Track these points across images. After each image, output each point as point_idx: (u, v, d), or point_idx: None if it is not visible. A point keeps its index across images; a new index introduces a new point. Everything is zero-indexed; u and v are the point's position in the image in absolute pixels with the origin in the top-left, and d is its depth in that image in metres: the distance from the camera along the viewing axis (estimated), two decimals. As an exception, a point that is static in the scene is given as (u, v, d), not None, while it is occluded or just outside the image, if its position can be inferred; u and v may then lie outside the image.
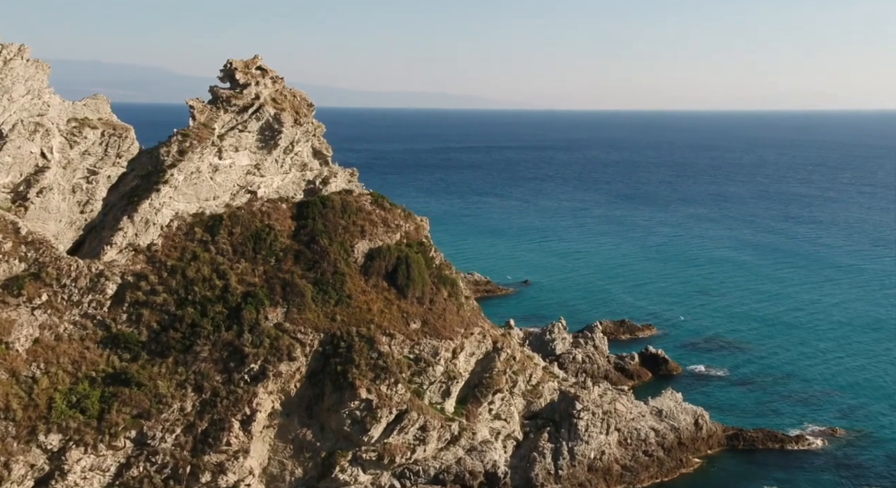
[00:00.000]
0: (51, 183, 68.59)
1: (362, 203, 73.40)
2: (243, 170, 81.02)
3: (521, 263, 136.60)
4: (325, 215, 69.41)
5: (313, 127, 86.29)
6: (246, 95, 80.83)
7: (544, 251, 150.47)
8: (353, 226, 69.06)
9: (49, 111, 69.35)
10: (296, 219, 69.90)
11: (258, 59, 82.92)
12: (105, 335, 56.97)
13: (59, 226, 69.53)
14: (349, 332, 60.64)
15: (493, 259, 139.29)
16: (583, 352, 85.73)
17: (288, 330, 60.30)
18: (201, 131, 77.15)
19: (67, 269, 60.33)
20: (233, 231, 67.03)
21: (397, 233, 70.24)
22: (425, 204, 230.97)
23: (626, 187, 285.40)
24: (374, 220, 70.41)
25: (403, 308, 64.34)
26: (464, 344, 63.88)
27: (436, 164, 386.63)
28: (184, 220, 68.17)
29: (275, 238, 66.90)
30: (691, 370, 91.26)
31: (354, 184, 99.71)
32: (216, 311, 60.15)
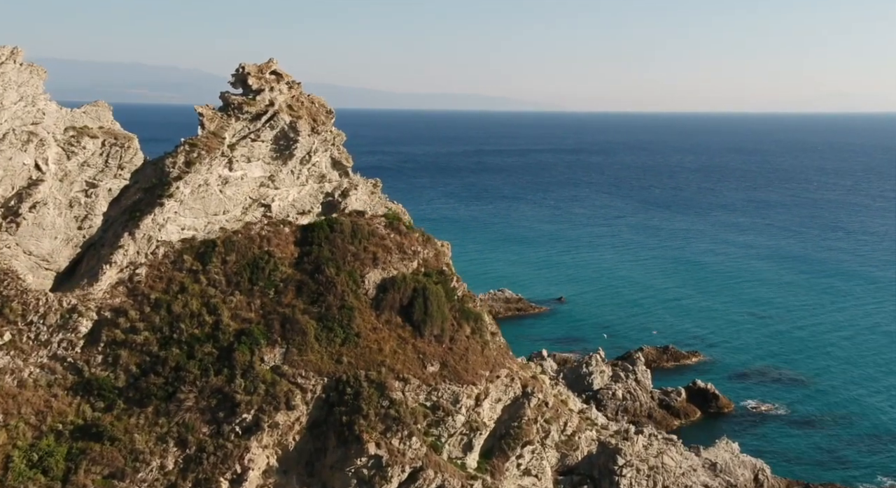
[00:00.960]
0: (45, 197, 63.24)
1: (375, 226, 66.65)
2: (256, 182, 75.33)
3: (553, 277, 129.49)
4: (333, 240, 62.68)
5: (332, 135, 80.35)
6: (259, 102, 75.11)
7: (578, 263, 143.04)
8: (365, 252, 62.12)
9: (44, 119, 64.04)
10: (299, 245, 63.20)
11: (273, 62, 77.13)
12: (76, 380, 50.79)
13: (54, 244, 64.17)
14: (357, 377, 53.57)
15: (524, 272, 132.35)
16: (623, 387, 78.30)
17: (286, 373, 53.41)
18: (210, 140, 71.52)
19: (35, 304, 54.27)
20: (227, 259, 60.56)
21: (414, 261, 63.29)
22: (453, 210, 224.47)
23: (662, 193, 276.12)
24: (388, 246, 63.56)
25: (420, 348, 56.99)
26: (489, 389, 56.71)
27: (466, 168, 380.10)
28: (171, 247, 61.98)
29: (274, 267, 60.21)
30: (744, 406, 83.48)
31: (378, 196, 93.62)
32: (204, 352, 53.51)
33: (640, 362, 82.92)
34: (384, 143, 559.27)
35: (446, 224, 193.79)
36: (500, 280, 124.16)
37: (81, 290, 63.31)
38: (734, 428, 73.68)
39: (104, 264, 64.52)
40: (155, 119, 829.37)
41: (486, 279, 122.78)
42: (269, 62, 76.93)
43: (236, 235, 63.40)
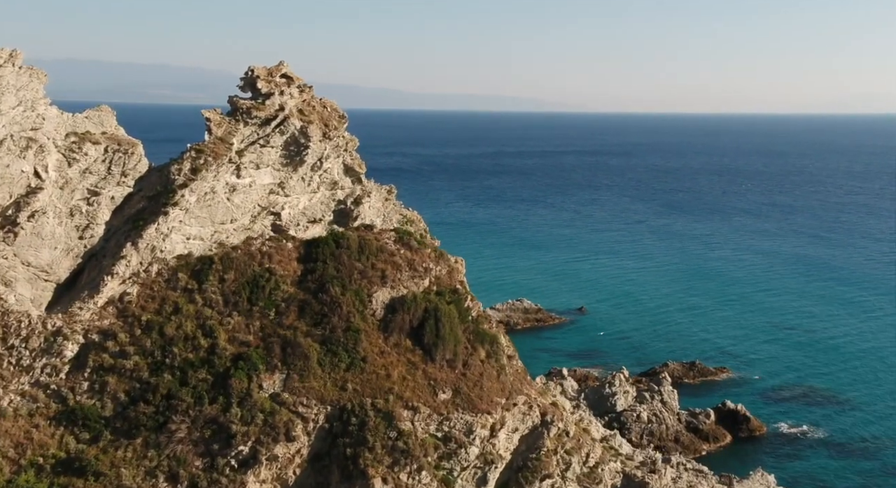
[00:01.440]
0: (44, 205, 60.87)
1: (384, 241, 63.49)
2: (265, 189, 72.69)
3: (573, 285, 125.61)
4: (339, 257, 59.50)
5: (344, 141, 77.57)
6: (269, 106, 72.46)
7: (599, 270, 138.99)
8: (373, 270, 58.82)
9: (44, 125, 61.69)
10: (303, 262, 60.13)
11: (283, 65, 74.46)
12: (60, 409, 47.97)
13: (53, 254, 61.78)
14: (362, 405, 50.08)
15: (543, 279, 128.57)
16: (648, 409, 74.41)
17: (286, 402, 50.06)
18: (217, 146, 68.96)
19: (17, 326, 51.51)
20: (224, 277, 57.57)
21: (426, 279, 59.99)
22: (471, 213, 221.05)
23: (684, 197, 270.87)
24: (397, 263, 60.33)
25: (430, 373, 53.37)
26: (505, 418, 53.12)
27: (484, 170, 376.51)
28: (165, 264, 59.19)
29: (276, 285, 57.09)
30: (777, 429, 78.89)
31: (392, 203, 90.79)
32: (199, 379, 50.39)
33: (665, 382, 78.55)
34: (403, 145, 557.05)
35: (463, 228, 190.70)
36: (519, 288, 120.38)
37: (79, 303, 60.97)
38: (767, 454, 69.69)
39: (106, 275, 62.14)
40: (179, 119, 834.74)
41: (503, 287, 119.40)
42: (280, 65, 74.27)
43: (235, 251, 60.52)
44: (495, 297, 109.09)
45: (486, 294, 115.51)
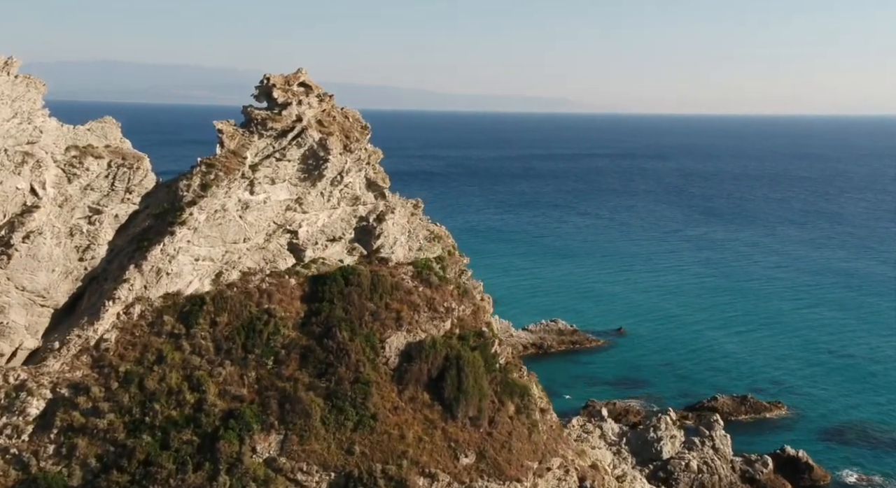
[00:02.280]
0: (41, 225, 56.42)
1: (400, 277, 57.48)
2: (281, 205, 67.78)
3: (610, 302, 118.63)
4: (348, 296, 53.52)
5: (367, 153, 72.42)
6: (285, 117, 67.54)
7: (637, 285, 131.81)
8: (386, 311, 52.62)
9: (42, 138, 57.26)
10: (307, 301, 54.19)
11: (301, 73, 69.44)
12: (21, 477, 42.59)
13: (50, 277, 57.35)
14: (371, 471, 43.76)
15: (578, 295, 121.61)
16: (699, 456, 67.20)
17: (283, 468, 44.00)
18: (230, 160, 64.12)
19: None
20: (217, 319, 51.94)
21: (447, 321, 53.69)
22: (502, 220, 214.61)
23: (725, 204, 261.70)
24: (415, 302, 54.24)
25: (451, 433, 46.76)
26: (537, 485, 47.11)
27: (516, 173, 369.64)
28: (149, 305, 53.87)
29: (275, 329, 51.00)
30: (843, 480, 70.34)
31: (419, 218, 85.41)
32: (182, 441, 44.44)
33: (717, 426, 70.77)
34: (435, 147, 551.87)
35: (493, 237, 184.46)
36: (552, 304, 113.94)
37: (78, 330, 56.40)
38: (833, 510, 62.60)
39: (107, 300, 57.60)
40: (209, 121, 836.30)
41: (535, 303, 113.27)
42: (298, 72, 69.26)
43: (230, 289, 55.10)
44: (527, 316, 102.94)
45: (518, 311, 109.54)
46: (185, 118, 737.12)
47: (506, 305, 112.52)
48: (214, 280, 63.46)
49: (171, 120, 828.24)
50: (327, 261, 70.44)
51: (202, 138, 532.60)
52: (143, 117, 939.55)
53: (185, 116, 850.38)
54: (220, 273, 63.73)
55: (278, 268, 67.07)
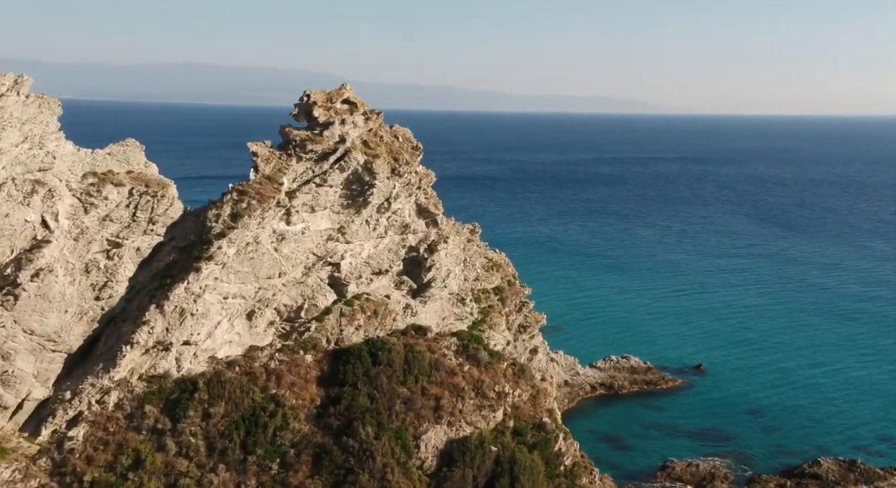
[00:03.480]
0: (52, 261, 50.83)
1: (441, 352, 49.01)
2: (322, 235, 61.22)
3: (687, 332, 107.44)
4: (376, 379, 45.07)
5: (417, 177, 65.37)
6: (327, 138, 60.92)
7: (715, 310, 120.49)
8: (423, 397, 43.93)
9: (55, 164, 51.77)
10: (325, 385, 46.12)
11: (345, 89, 62.69)
12: None
13: (63, 319, 51.75)
14: None
15: (650, 322, 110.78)
16: None
17: None
18: (264, 187, 57.76)
19: None
20: (211, 410, 44.36)
21: (499, 410, 44.77)
22: (564, 232, 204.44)
23: (808, 215, 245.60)
24: (459, 386, 45.47)
25: None
26: None
27: (581, 179, 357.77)
28: (129, 391, 47.08)
29: (283, 422, 42.55)
30: None
31: (476, 245, 78.15)
32: None
33: None
34: (498, 150, 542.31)
35: (555, 250, 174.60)
36: (621, 333, 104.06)
37: (92, 378, 50.62)
38: None
39: (124, 345, 51.77)
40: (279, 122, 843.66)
41: (602, 332, 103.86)
42: (342, 89, 62.52)
43: (231, 370, 48.00)
44: (594, 351, 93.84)
45: (583, 342, 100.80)
46: (256, 120, 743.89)
47: (569, 334, 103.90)
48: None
49: (241, 122, 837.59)
50: (372, 296, 63.74)
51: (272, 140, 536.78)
52: (215, 119, 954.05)
53: (256, 118, 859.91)
54: (251, 312, 57.61)
55: (318, 305, 60.71)
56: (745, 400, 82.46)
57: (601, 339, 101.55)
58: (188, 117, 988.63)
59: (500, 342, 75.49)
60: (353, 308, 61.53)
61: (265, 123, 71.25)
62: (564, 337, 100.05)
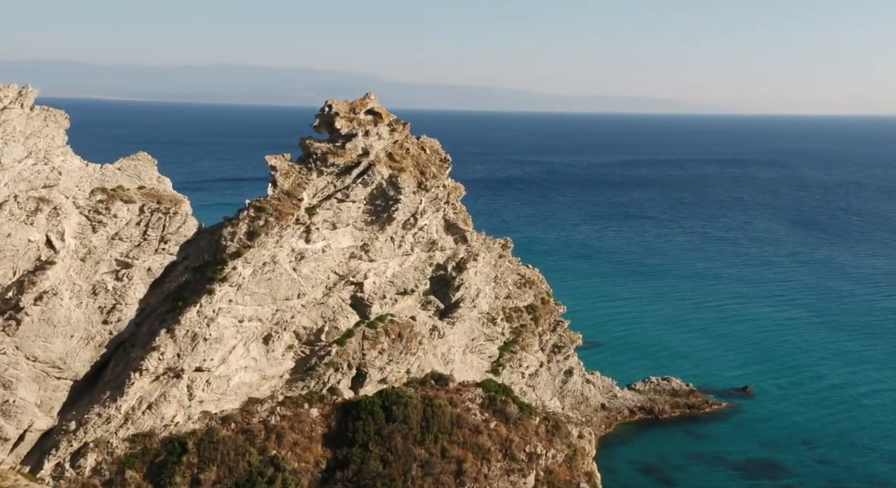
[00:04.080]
0: (56, 284, 48.04)
1: (465, 406, 44.67)
2: (344, 253, 57.87)
3: (730, 349, 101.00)
4: (389, 438, 40.68)
5: (446, 191, 61.73)
6: (350, 151, 57.56)
7: (759, 326, 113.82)
8: (443, 460, 39.40)
9: (62, 180, 48.97)
10: (331, 445, 42.40)
11: (370, 98, 59.21)
12: None
13: (68, 345, 48.96)
14: None
15: (690, 338, 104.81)
16: None
17: None
18: (283, 203, 54.57)
19: None
20: (200, 476, 40.44)
21: (530, 475, 39.68)
22: (598, 239, 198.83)
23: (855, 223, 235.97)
24: (484, 447, 41.07)
25: None
26: None
27: (616, 182, 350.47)
28: (109, 453, 43.69)
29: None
30: None
31: (507, 261, 74.37)
32: None
33: None
34: (534, 152, 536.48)
35: (588, 258, 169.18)
36: (660, 353, 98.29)
37: (99, 407, 47.79)
38: None
39: (133, 372, 48.89)
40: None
41: (640, 352, 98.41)
42: (366, 98, 59.07)
43: (225, 427, 44.45)
44: (634, 369, 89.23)
45: (621, 359, 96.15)
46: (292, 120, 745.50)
47: (605, 351, 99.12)
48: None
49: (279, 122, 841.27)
50: (397, 317, 60.25)
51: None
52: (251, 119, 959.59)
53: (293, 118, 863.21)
54: (268, 336, 54.41)
55: (339, 327, 57.35)
56: (796, 426, 77.07)
57: (639, 356, 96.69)
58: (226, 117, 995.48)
59: (532, 364, 71.68)
60: (376, 330, 58.17)
61: (301, 125, 68.66)
62: (600, 354, 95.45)
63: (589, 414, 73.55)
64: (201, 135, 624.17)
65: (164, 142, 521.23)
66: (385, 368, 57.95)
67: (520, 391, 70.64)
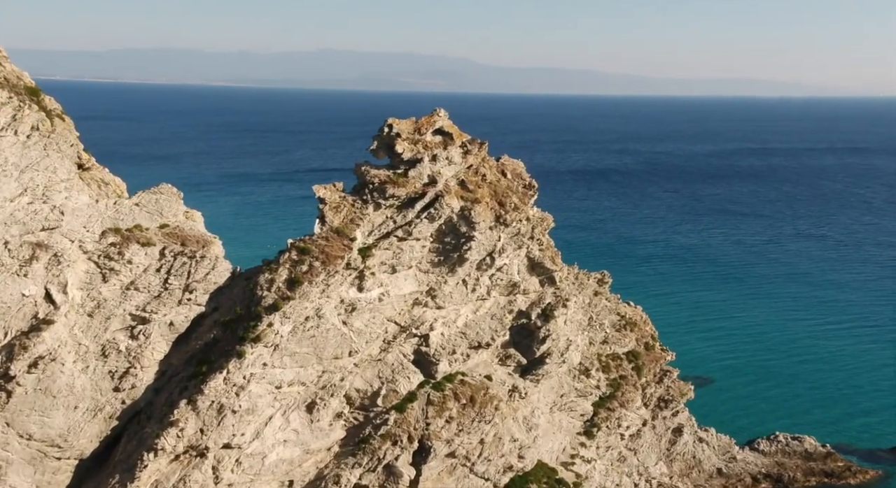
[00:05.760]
0: (55, 347, 40.25)
1: None
2: (406, 300, 48.25)
3: (876, 397, 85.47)
4: None
5: (529, 225, 51.11)
6: (414, 179, 47.63)
7: None
8: None
9: (64, 221, 40.95)
10: None
11: (438, 115, 48.98)
12: None
13: (71, 418, 41.17)
14: None
15: (820, 379, 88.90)
16: None
17: None
18: (331, 244, 45.18)
19: None
20: None
21: None
22: (701, 242, 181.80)
23: None
24: None
25: None
26: None
27: (724, 174, 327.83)
28: None
29: None
30: None
31: (604, 299, 63.09)
32: None
33: None
34: (634, 139, 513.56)
35: (691, 264, 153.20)
36: (786, 398, 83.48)
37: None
38: None
39: (147, 452, 40.67)
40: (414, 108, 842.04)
41: (761, 395, 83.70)
42: (433, 115, 48.89)
43: None
44: (752, 416, 76.20)
45: (737, 406, 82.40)
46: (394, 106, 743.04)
47: (717, 392, 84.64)
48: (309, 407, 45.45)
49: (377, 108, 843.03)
50: (469, 376, 50.35)
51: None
52: (354, 105, 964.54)
53: (394, 103, 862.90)
54: (312, 403, 45.53)
55: (398, 390, 47.93)
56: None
57: (758, 397, 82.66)
58: (325, 104, 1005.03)
59: (634, 423, 60.61)
60: (443, 393, 48.57)
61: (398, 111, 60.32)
62: (708, 395, 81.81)
63: (702, 482, 61.87)
64: (300, 123, 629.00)
65: (263, 131, 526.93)
66: (453, 440, 48.39)
67: (618, 456, 59.79)
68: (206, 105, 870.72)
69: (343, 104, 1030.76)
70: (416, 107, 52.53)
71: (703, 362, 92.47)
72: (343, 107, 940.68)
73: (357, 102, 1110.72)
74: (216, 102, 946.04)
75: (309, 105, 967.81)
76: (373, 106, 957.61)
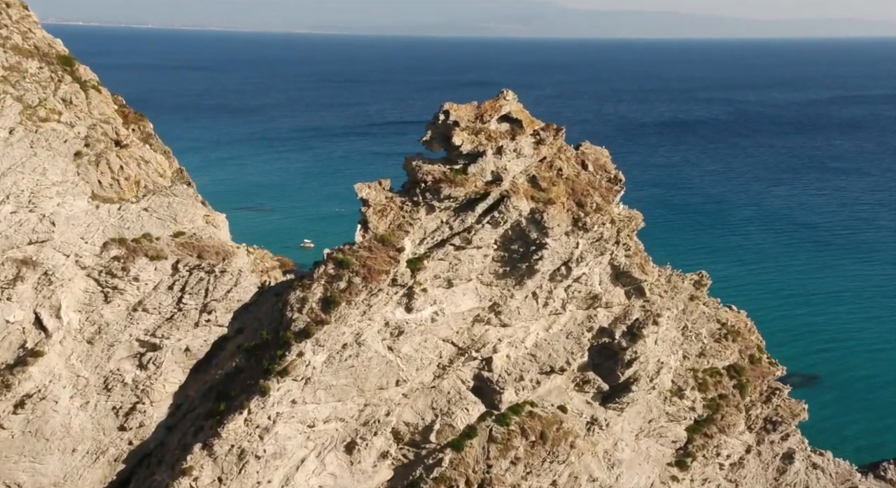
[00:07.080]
0: (44, 383, 34.32)
1: None
2: (465, 317, 40.53)
3: None
4: None
5: (614, 228, 42.31)
6: (474, 176, 39.28)
7: None
8: None
9: (57, 232, 34.47)
10: None
11: (504, 98, 40.14)
12: None
13: (69, 463, 35.40)
14: None
15: None
16: None
17: None
18: (375, 255, 37.64)
19: None
20: None
21: None
22: (796, 205, 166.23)
23: None
24: None
25: None
26: None
27: (821, 124, 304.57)
28: None
29: None
30: None
31: (701, 304, 53.89)
32: None
33: None
34: (723, 87, 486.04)
35: (784, 232, 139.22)
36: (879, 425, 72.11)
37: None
38: None
39: (156, 503, 34.57)
40: (498, 57, 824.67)
41: (880, 400, 72.75)
42: (499, 99, 40.10)
43: None
44: (874, 431, 66.44)
45: (854, 416, 72.21)
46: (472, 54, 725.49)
47: (824, 393, 75.14)
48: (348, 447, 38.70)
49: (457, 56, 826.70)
50: (539, 407, 42.60)
51: (485, 79, 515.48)
52: (433, 53, 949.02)
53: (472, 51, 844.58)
54: (353, 442, 38.62)
55: (455, 424, 40.63)
56: None
57: (883, 408, 72.01)
58: (408, 52, 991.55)
59: (736, 450, 52.00)
60: (508, 428, 41.06)
61: (477, 61, 52.47)
62: (818, 396, 71.89)
63: (813, 518, 53.16)
64: (379, 71, 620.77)
65: (342, 81, 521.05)
66: (520, 485, 40.99)
67: (715, 489, 51.39)
68: (289, 54, 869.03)
69: (423, 51, 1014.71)
70: (495, 54, 44.32)
71: (804, 355, 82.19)
72: (423, 54, 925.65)
73: (437, 48, 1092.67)
74: (300, 52, 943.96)
75: (389, 53, 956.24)
76: (452, 53, 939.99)
